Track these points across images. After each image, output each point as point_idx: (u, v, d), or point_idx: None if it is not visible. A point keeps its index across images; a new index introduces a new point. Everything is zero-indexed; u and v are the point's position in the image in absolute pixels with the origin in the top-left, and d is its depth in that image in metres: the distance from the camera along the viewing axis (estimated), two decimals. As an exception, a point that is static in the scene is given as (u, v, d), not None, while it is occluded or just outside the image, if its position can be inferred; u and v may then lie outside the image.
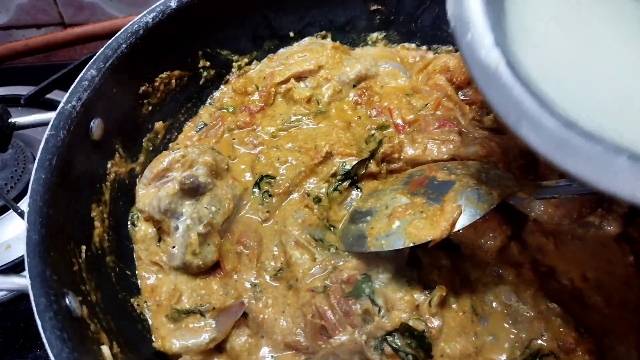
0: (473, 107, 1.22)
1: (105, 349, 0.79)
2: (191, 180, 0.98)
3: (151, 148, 1.13)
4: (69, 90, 0.93)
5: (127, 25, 1.04)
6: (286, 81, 1.23)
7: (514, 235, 1.00)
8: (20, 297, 1.23)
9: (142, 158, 1.10)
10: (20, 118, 0.96)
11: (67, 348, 0.68)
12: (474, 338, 0.91)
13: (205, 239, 0.94)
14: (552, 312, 0.92)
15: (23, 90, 1.57)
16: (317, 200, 1.05)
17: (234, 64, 1.28)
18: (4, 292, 1.22)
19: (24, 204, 1.26)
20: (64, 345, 0.68)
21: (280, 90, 1.22)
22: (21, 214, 1.17)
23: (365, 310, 0.92)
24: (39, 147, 0.85)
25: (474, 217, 0.90)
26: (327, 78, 1.23)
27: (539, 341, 0.89)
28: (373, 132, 1.15)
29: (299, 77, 1.24)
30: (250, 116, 1.17)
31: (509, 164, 1.05)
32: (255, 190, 1.07)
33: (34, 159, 0.83)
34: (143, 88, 1.10)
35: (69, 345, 0.69)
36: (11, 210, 1.32)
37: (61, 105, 0.91)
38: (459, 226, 0.89)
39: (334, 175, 1.07)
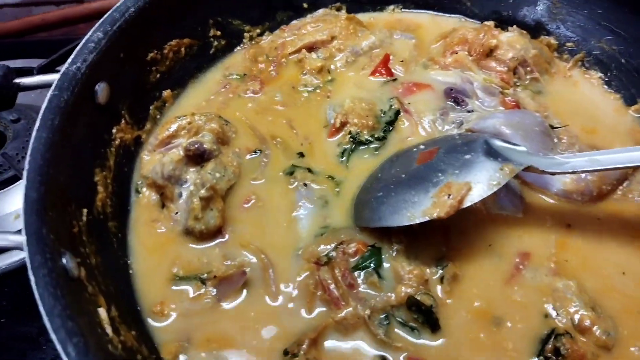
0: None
1: (102, 312, 0.77)
2: (196, 146, 0.96)
3: (158, 116, 1.11)
4: (74, 52, 0.91)
5: (136, -11, 1.02)
6: (298, 51, 1.20)
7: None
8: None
9: (148, 126, 1.08)
10: (25, 79, 0.95)
11: (60, 305, 0.66)
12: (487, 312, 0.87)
13: (207, 204, 0.92)
14: (568, 290, 0.88)
15: (38, 63, 1.57)
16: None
17: (245, 34, 1.25)
18: (13, 260, 1.22)
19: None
20: (57, 302, 0.66)
21: (292, 60, 1.20)
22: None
23: (370, 283, 0.89)
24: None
25: (484, 194, 0.86)
26: (340, 49, 1.20)
27: (554, 319, 0.85)
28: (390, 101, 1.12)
29: (311, 48, 1.21)
30: (260, 84, 1.14)
31: (526, 137, 1.01)
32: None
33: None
34: (151, 55, 1.08)
35: (61, 302, 0.67)
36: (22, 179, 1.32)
37: (65, 66, 0.89)
38: (467, 203, 0.86)
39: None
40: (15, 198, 1.33)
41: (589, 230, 0.97)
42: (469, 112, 1.13)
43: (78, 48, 0.92)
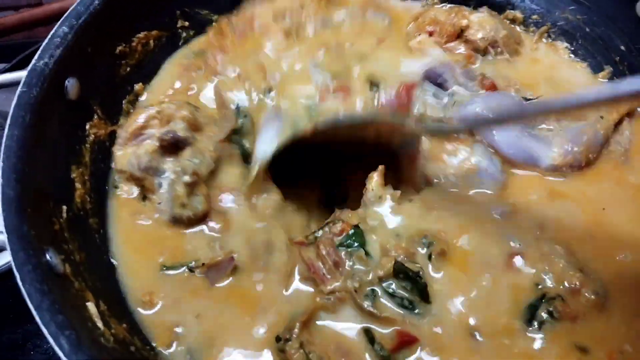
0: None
1: (90, 306, 0.76)
2: (170, 135, 0.94)
3: (131, 110, 1.09)
4: (41, 48, 0.89)
5: (100, -18, 1.00)
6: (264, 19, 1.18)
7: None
8: (8, 273, 1.20)
9: (122, 120, 1.06)
10: (-9, 78, 0.92)
11: (48, 300, 0.65)
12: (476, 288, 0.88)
13: (192, 189, 0.91)
14: (556, 254, 0.89)
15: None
16: None
17: (214, 23, 1.24)
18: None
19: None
20: (44, 297, 0.65)
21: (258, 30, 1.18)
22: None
23: (357, 257, 0.89)
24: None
25: None
26: (309, 18, 1.19)
27: (545, 284, 0.87)
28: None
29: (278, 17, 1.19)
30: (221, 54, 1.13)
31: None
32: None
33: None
34: (120, 48, 1.06)
35: (49, 297, 0.66)
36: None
37: (33, 62, 0.87)
38: None
39: None
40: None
41: (575, 196, 1.00)
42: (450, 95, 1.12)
43: (44, 43, 0.90)
